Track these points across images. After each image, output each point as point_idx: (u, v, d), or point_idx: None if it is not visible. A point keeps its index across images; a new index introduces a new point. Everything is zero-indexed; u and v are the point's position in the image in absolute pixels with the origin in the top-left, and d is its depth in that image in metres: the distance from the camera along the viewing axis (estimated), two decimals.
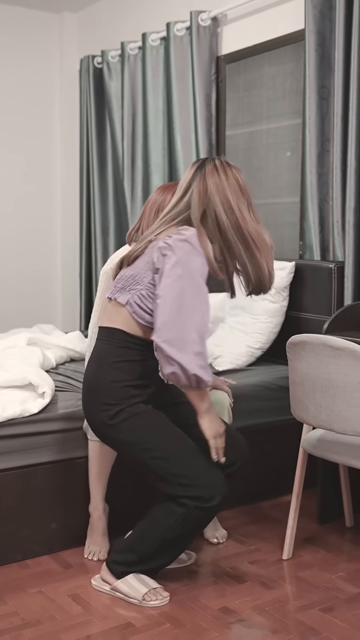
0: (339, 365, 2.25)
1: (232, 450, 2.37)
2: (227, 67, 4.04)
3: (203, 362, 2.18)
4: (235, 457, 2.40)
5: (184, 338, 2.16)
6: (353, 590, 2.41)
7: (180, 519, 2.26)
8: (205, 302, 2.22)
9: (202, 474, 2.26)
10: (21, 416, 2.60)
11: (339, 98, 3.25)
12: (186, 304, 2.17)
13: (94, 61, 4.77)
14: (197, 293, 2.19)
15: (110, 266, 2.79)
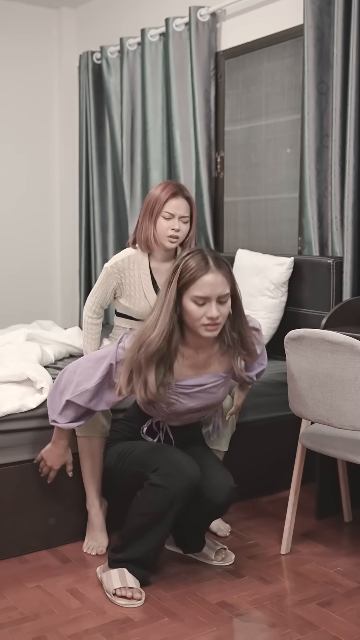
0: (337, 360, 2.25)
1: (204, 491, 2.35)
2: (226, 62, 4.04)
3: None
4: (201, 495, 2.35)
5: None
6: (351, 584, 2.42)
7: (148, 497, 2.29)
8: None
9: (173, 460, 2.31)
10: (19, 411, 2.60)
11: (338, 93, 3.25)
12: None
13: (93, 57, 4.76)
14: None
15: (111, 264, 2.85)
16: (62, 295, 5.16)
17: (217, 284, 2.21)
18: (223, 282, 2.23)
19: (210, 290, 2.21)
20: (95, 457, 2.63)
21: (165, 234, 2.77)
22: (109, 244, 4.83)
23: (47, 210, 5.10)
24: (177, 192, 2.77)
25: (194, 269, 2.21)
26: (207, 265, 2.22)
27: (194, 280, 2.20)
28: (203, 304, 2.22)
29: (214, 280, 2.21)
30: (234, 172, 4.07)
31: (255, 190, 3.93)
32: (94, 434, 2.61)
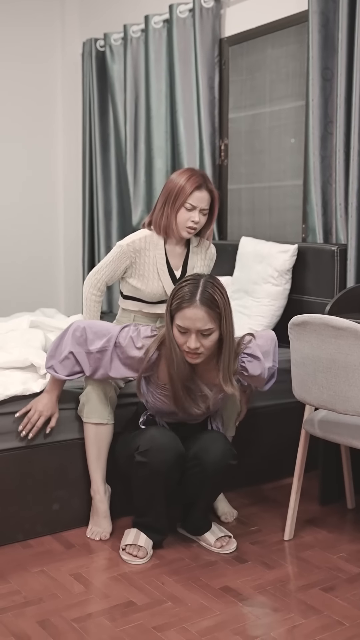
0: (341, 345, 2.24)
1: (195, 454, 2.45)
2: (230, 49, 4.02)
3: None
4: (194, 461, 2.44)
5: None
6: (354, 570, 2.42)
7: (137, 474, 2.45)
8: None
9: (152, 436, 2.42)
10: (23, 394, 2.60)
11: (343, 79, 3.23)
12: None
13: (97, 44, 4.74)
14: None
15: (128, 243, 2.78)
16: (66, 283, 5.16)
17: (197, 319, 2.28)
18: (204, 318, 2.28)
19: (190, 324, 2.29)
20: (102, 444, 2.63)
21: (185, 225, 2.72)
22: (112, 232, 4.82)
23: (51, 199, 5.09)
24: (201, 185, 2.71)
25: (180, 299, 2.31)
26: (191, 299, 2.28)
27: (177, 309, 2.31)
28: (185, 332, 2.31)
29: (194, 315, 2.28)
30: (237, 159, 4.05)
31: (259, 177, 3.92)
32: (100, 420, 2.61)
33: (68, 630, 2.07)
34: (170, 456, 2.40)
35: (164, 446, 2.40)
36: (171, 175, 2.82)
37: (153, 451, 2.39)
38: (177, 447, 2.43)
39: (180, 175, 2.74)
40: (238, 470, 2.86)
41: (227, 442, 2.51)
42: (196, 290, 2.29)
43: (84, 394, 2.64)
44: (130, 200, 4.52)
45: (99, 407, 2.60)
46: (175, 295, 2.33)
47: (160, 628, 2.08)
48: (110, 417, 2.63)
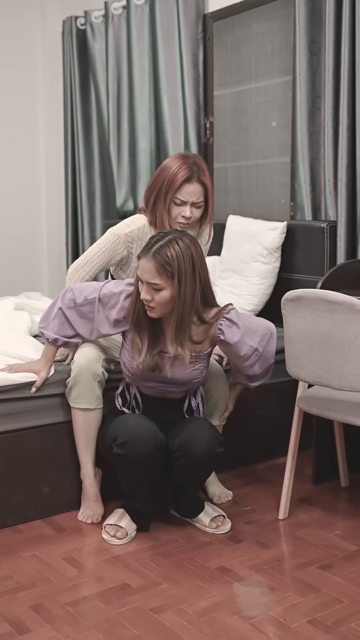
0: (336, 319, 2.20)
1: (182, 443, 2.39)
2: (214, 25, 3.95)
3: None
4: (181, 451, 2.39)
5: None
6: (350, 547, 2.40)
7: (117, 466, 2.42)
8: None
9: (128, 427, 2.36)
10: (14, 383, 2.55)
11: (331, 53, 3.18)
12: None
13: (77, 22, 4.64)
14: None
15: (126, 232, 2.61)
16: (49, 266, 5.08)
17: (145, 271, 2.28)
18: (151, 271, 2.26)
19: (140, 274, 2.30)
20: (90, 429, 2.58)
21: (175, 220, 2.57)
22: (96, 214, 4.75)
23: (32, 181, 5.00)
24: (191, 177, 2.52)
25: (144, 248, 2.30)
26: (148, 250, 2.27)
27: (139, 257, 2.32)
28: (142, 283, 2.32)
29: (143, 265, 2.28)
30: (223, 137, 3.99)
31: (246, 155, 3.86)
32: (88, 405, 2.55)
33: (63, 614, 2.03)
34: (148, 447, 2.33)
35: (142, 438, 2.33)
36: (163, 162, 2.62)
37: (130, 443, 2.33)
38: (155, 438, 2.36)
39: (172, 162, 2.55)
40: (231, 451, 2.84)
41: (214, 430, 2.44)
42: (157, 243, 2.27)
43: (71, 376, 2.57)
44: (114, 181, 4.44)
45: (86, 392, 2.54)
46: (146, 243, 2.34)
47: (156, 610, 2.04)
48: (98, 401, 2.57)
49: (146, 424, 2.39)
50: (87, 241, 4.74)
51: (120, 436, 2.36)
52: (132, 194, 4.42)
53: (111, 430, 2.43)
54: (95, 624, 1.98)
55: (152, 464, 2.38)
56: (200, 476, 2.51)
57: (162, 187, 2.54)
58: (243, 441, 3.01)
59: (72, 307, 2.50)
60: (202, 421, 2.47)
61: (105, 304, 2.45)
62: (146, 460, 2.35)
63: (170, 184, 2.52)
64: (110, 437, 2.42)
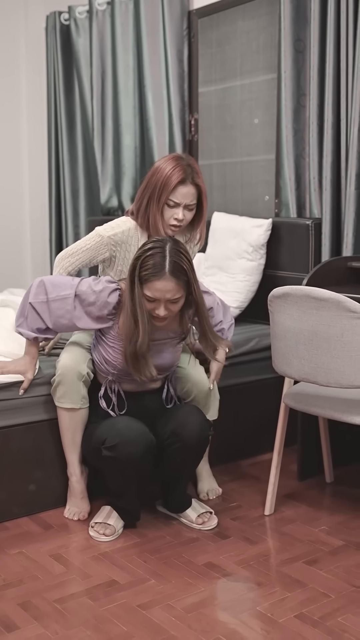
0: (323, 316, 2.22)
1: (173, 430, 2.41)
2: (199, 21, 3.95)
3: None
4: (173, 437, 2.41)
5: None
6: (336, 542, 2.42)
7: (106, 469, 2.41)
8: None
9: (118, 429, 2.35)
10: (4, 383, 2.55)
11: (316, 51, 3.19)
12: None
13: (61, 18, 4.62)
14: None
15: (110, 235, 2.55)
16: (33, 263, 5.05)
17: (167, 291, 2.29)
18: (174, 288, 2.29)
19: (160, 295, 2.29)
20: (76, 428, 2.56)
21: (168, 222, 2.52)
22: (80, 211, 4.73)
23: (16, 178, 4.96)
24: (185, 179, 2.47)
25: (149, 270, 2.28)
26: (162, 271, 2.27)
27: (146, 281, 2.29)
28: (153, 301, 2.31)
29: (164, 287, 2.28)
30: (208, 134, 4.00)
31: (231, 152, 3.87)
32: (73, 405, 2.53)
33: (50, 611, 2.03)
34: (139, 450, 2.33)
35: (132, 440, 2.33)
36: (156, 163, 2.57)
37: (121, 446, 2.32)
38: (145, 440, 2.35)
39: (165, 164, 2.50)
40: (217, 448, 2.84)
41: (202, 414, 2.48)
42: (164, 260, 2.27)
43: (57, 375, 2.56)
44: (98, 177, 4.43)
45: (71, 391, 2.52)
46: (142, 265, 2.29)
47: (145, 606, 2.05)
48: (84, 400, 2.55)
49: (135, 425, 2.38)
50: (71, 238, 4.72)
51: (110, 439, 2.34)
52: (116, 191, 4.41)
53: (99, 433, 2.42)
54: (84, 620, 1.98)
55: (143, 466, 2.38)
56: (191, 462, 2.51)
57: (156, 189, 2.49)
58: (228, 438, 3.02)
59: (44, 302, 2.46)
60: (191, 407, 2.52)
61: (83, 301, 2.43)
62: (137, 462, 2.34)
63: (164, 186, 2.47)
64: (97, 441, 2.41)
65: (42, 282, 2.48)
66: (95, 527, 2.47)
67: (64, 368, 2.52)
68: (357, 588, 2.13)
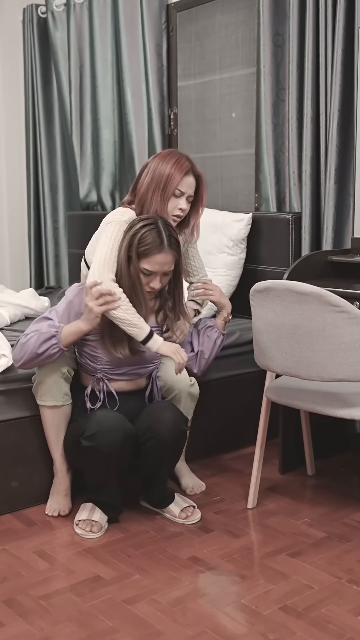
0: (305, 310, 2.23)
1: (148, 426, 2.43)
2: (177, 15, 3.94)
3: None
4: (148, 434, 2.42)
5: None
6: (318, 534, 2.44)
7: (85, 459, 2.40)
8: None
9: (96, 420, 2.37)
10: None
11: (295, 45, 3.20)
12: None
13: (38, 10, 4.58)
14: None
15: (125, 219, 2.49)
16: (11, 258, 5.01)
17: (166, 263, 2.41)
18: (171, 260, 2.43)
19: (159, 267, 2.41)
20: (60, 425, 2.55)
21: (171, 213, 2.55)
22: (59, 205, 4.71)
23: None
24: (189, 170, 2.55)
25: (149, 245, 2.38)
26: (161, 245, 2.38)
27: (146, 255, 2.39)
28: (149, 274, 2.42)
29: (164, 259, 2.40)
30: (187, 128, 3.99)
31: (210, 146, 3.87)
32: (55, 403, 2.52)
33: (35, 607, 2.02)
34: (117, 437, 2.34)
35: (111, 428, 2.34)
36: (153, 160, 2.57)
37: (100, 434, 2.33)
38: (124, 428, 2.37)
39: (166, 162, 2.53)
40: (198, 442, 2.85)
41: (177, 409, 2.49)
42: (162, 234, 2.39)
43: (37, 373, 2.54)
44: (77, 172, 4.41)
45: (53, 389, 2.51)
46: (140, 241, 2.38)
47: (130, 601, 2.05)
48: (66, 397, 2.54)
49: (114, 414, 2.40)
50: (50, 232, 4.70)
51: (89, 429, 2.35)
52: (96, 185, 4.39)
53: (78, 426, 2.44)
54: (69, 616, 1.98)
55: (122, 455, 2.39)
56: (169, 458, 2.51)
57: (162, 179, 2.52)
58: (210, 431, 3.03)
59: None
60: (165, 403, 2.54)
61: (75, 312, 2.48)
62: (116, 451, 2.35)
63: (171, 178, 2.52)
64: (76, 433, 2.42)
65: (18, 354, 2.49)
66: (80, 524, 2.46)
67: (43, 367, 2.51)
68: (340, 579, 2.15)
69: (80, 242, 2.57)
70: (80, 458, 2.43)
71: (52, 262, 4.74)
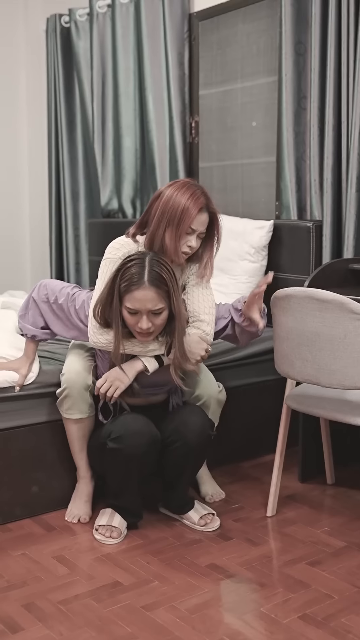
0: (325, 318, 2.22)
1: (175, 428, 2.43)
2: (199, 24, 3.96)
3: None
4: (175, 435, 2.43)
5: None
6: (338, 543, 2.42)
7: (109, 461, 2.41)
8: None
9: (122, 422, 2.39)
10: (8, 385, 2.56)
11: (317, 54, 3.20)
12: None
13: (61, 20, 4.63)
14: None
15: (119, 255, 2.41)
16: (32, 265, 5.06)
17: (148, 300, 2.25)
18: (154, 298, 2.26)
19: (140, 305, 2.26)
20: (85, 436, 2.57)
21: (180, 249, 2.40)
22: (80, 213, 4.74)
23: (16, 180, 4.97)
24: (203, 208, 2.40)
25: (128, 281, 2.26)
26: (140, 280, 2.25)
27: (126, 292, 2.27)
28: (135, 314, 2.28)
29: (143, 296, 2.25)
30: (209, 136, 4.01)
31: (231, 154, 3.88)
32: (82, 415, 2.53)
33: (55, 612, 2.03)
34: (144, 440, 2.36)
35: (138, 431, 2.36)
36: (166, 190, 2.42)
37: (126, 437, 2.34)
38: (151, 431, 2.39)
39: (180, 194, 2.37)
40: (218, 449, 2.85)
41: (204, 414, 2.50)
42: (143, 270, 2.26)
43: (61, 388, 2.54)
44: (98, 180, 4.43)
45: (79, 402, 2.51)
46: (122, 277, 2.28)
47: (148, 607, 2.05)
48: (91, 409, 2.54)
49: (141, 418, 2.41)
50: (71, 240, 4.73)
51: (115, 431, 2.37)
52: (117, 193, 4.42)
53: (104, 429, 2.45)
54: (88, 622, 1.98)
55: (147, 458, 2.39)
56: (193, 462, 2.51)
57: (175, 217, 2.36)
58: (230, 439, 3.03)
59: (46, 302, 2.53)
60: (193, 406, 2.54)
61: (79, 312, 2.49)
62: (141, 454, 2.36)
63: (185, 213, 2.35)
64: (103, 436, 2.43)
65: (44, 285, 2.55)
66: (100, 529, 2.47)
67: (69, 382, 2.51)
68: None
69: (101, 249, 2.56)
70: (104, 460, 2.44)
71: (72, 269, 4.77)
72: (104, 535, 2.45)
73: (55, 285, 2.55)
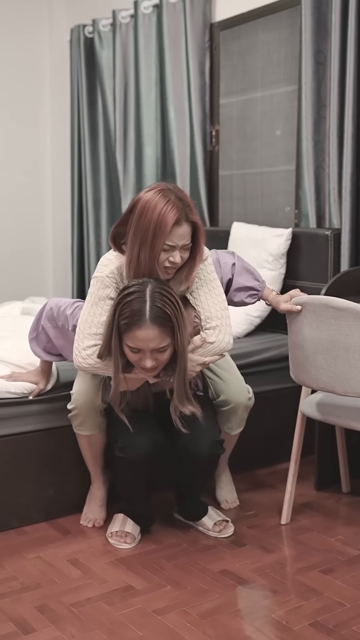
0: (341, 326, 2.23)
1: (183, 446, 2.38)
2: (220, 34, 3.99)
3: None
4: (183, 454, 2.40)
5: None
6: (352, 552, 2.41)
7: (117, 468, 2.44)
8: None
9: (127, 432, 2.34)
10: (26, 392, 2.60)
11: (336, 62, 3.21)
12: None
13: (85, 31, 4.69)
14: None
15: (106, 274, 2.27)
16: (54, 273, 5.11)
17: (150, 340, 2.09)
18: (158, 336, 2.09)
19: (143, 345, 2.10)
20: (97, 449, 2.58)
21: (162, 266, 2.20)
22: (101, 221, 4.78)
23: (39, 188, 5.04)
24: (180, 218, 2.16)
25: (128, 319, 2.08)
26: (141, 318, 2.07)
27: (126, 330, 2.11)
28: (137, 352, 2.13)
29: (146, 336, 2.08)
30: (229, 145, 4.03)
31: (251, 163, 3.89)
32: (92, 432, 2.53)
33: (67, 615, 2.05)
34: (147, 450, 2.34)
35: (140, 441, 2.34)
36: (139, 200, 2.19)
37: (129, 447, 2.34)
38: (153, 438, 2.37)
39: (152, 206, 2.14)
40: (233, 456, 2.85)
41: (216, 433, 2.45)
42: (144, 306, 2.07)
43: (71, 407, 2.52)
44: (120, 188, 4.47)
45: (88, 420, 2.51)
46: (121, 313, 2.10)
47: (160, 611, 2.06)
48: (101, 426, 2.54)
49: (145, 424, 2.39)
50: (92, 247, 4.77)
51: (121, 440, 2.37)
52: None
53: (113, 434, 2.47)
54: (100, 624, 2.00)
55: (151, 464, 2.39)
56: (203, 476, 2.52)
57: (147, 235, 2.14)
58: (245, 446, 3.02)
59: (53, 327, 2.51)
60: (205, 424, 2.38)
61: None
62: (145, 463, 2.36)
63: (158, 230, 2.13)
64: (111, 442, 2.46)
65: (50, 307, 2.51)
66: (113, 536, 2.48)
67: (77, 402, 2.48)
68: None
69: None
70: (114, 467, 2.47)
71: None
72: (118, 540, 2.46)
73: (61, 305, 2.49)
